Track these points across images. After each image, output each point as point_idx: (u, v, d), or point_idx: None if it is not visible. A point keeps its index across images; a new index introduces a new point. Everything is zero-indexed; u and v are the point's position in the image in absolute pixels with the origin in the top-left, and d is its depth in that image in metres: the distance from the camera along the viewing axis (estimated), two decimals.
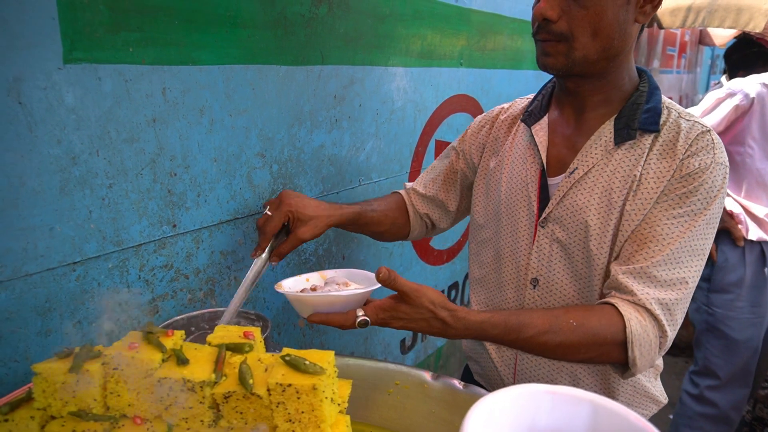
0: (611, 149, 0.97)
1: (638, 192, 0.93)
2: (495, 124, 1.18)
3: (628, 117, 0.97)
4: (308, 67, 1.21)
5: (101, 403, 0.63)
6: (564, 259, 1.01)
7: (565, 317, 0.88)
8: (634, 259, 0.92)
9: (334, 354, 0.66)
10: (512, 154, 1.11)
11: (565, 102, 1.05)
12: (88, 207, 0.87)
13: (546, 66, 0.96)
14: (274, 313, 1.28)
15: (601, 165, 0.98)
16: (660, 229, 0.91)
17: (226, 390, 0.62)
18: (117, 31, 0.86)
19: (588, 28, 0.90)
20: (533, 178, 1.05)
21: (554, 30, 0.91)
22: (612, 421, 0.51)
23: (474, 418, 0.49)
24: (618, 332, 0.87)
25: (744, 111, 2.05)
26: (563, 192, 1.00)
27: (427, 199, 1.26)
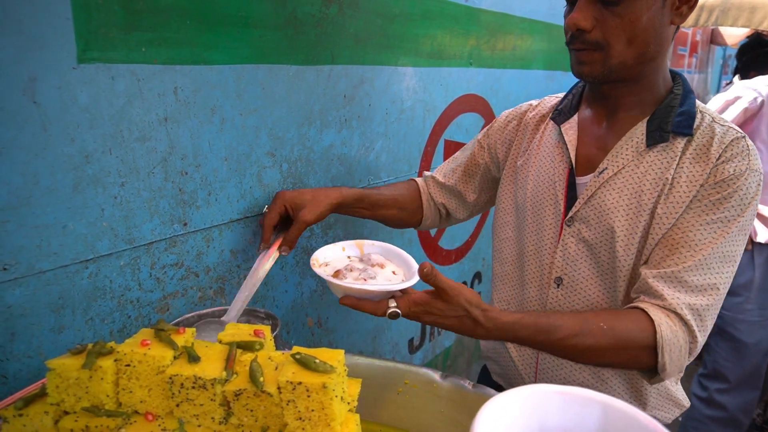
0: (642, 151, 0.97)
1: (670, 195, 0.93)
2: (523, 120, 1.18)
3: (661, 119, 0.97)
4: (318, 67, 1.22)
5: (114, 399, 0.63)
6: (589, 259, 1.01)
7: (596, 320, 0.87)
8: (665, 263, 0.91)
9: (344, 353, 0.67)
10: (540, 152, 1.11)
11: (597, 102, 1.04)
12: (100, 205, 0.88)
13: (582, 74, 0.95)
14: (284, 311, 1.28)
15: (632, 166, 0.97)
16: (693, 234, 0.90)
17: (237, 388, 0.62)
18: (130, 32, 0.86)
19: (623, 35, 0.89)
20: (561, 176, 1.05)
21: (589, 39, 0.90)
22: (623, 422, 0.51)
23: (484, 418, 0.49)
24: (648, 336, 0.86)
25: (753, 113, 2.03)
26: (591, 191, 1.00)
27: (445, 189, 1.27)
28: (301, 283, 1.31)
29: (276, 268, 1.24)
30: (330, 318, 1.44)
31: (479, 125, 1.94)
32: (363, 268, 0.95)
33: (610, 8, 0.88)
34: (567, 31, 0.94)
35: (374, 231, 1.53)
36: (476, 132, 1.94)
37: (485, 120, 1.96)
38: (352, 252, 1.02)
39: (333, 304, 1.44)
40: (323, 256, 1.00)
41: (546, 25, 2.20)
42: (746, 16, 2.73)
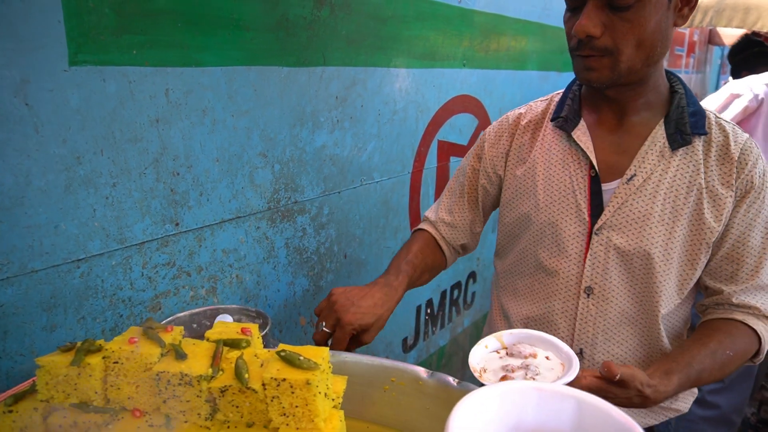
0: (668, 155, 0.99)
1: (713, 200, 0.98)
2: (516, 131, 1.15)
3: (677, 121, 0.99)
4: (310, 69, 1.23)
5: (102, 396, 0.65)
6: (621, 267, 1.01)
7: (722, 350, 0.96)
8: (739, 278, 1.00)
9: (328, 350, 0.68)
10: (546, 160, 1.08)
11: (603, 106, 1.04)
12: (92, 205, 0.89)
13: (590, 81, 0.95)
14: (276, 310, 1.30)
15: (660, 171, 0.98)
16: (751, 243, 0.99)
17: (223, 384, 0.63)
18: (121, 34, 0.88)
19: (632, 40, 0.89)
20: (581, 184, 1.03)
21: (598, 46, 0.90)
22: (596, 416, 0.52)
23: (460, 414, 0.50)
24: (755, 344, 0.99)
25: (752, 111, 2.05)
26: (622, 199, 0.99)
27: (457, 229, 1.23)
28: (293, 282, 1.32)
29: (269, 267, 1.25)
30: None
31: (473, 125, 1.96)
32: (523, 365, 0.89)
33: (619, 14, 0.88)
34: (572, 38, 0.93)
35: (367, 230, 1.54)
36: (470, 132, 1.96)
37: (479, 120, 1.98)
38: (493, 345, 0.95)
39: None
40: (476, 362, 0.91)
41: (540, 26, 2.21)
42: (740, 17, 2.75)
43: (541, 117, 1.13)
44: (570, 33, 0.94)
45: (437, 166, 1.80)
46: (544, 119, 1.12)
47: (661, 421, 1.10)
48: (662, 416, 1.10)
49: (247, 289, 1.20)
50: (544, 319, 1.10)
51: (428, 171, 1.76)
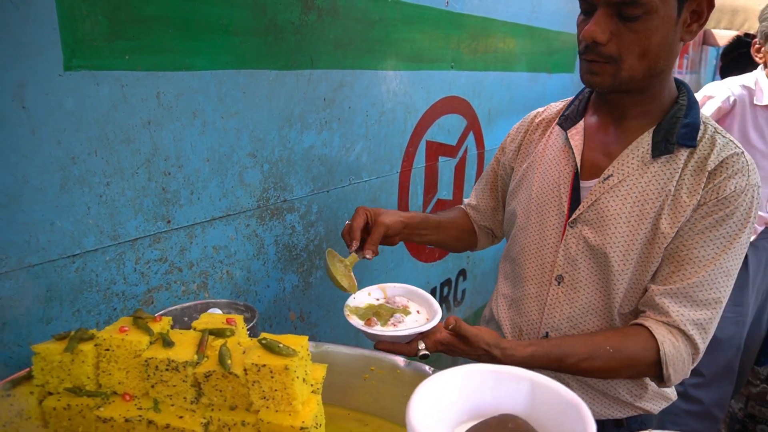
0: (648, 161, 1.00)
1: (674, 207, 0.97)
2: (530, 128, 1.24)
3: (667, 130, 1.00)
4: (298, 72, 1.27)
5: (94, 381, 0.69)
6: (589, 260, 1.05)
7: (604, 344, 0.96)
8: (671, 280, 0.97)
9: (307, 339, 0.72)
10: (545, 156, 1.15)
11: (604, 109, 1.08)
12: (86, 203, 0.93)
13: (592, 84, 0.99)
14: (266, 306, 1.34)
15: (636, 175, 1.01)
16: (697, 251, 0.95)
17: (207, 369, 0.68)
18: (114, 40, 0.92)
19: (636, 50, 0.91)
20: (566, 179, 1.09)
21: (603, 52, 0.93)
22: (548, 395, 0.56)
23: (420, 396, 0.55)
24: (652, 354, 0.95)
25: (726, 112, 2.09)
26: (596, 196, 1.04)
27: (481, 212, 1.36)
28: (282, 278, 1.37)
29: (258, 264, 1.29)
30: (313, 313, 1.50)
31: (462, 126, 2.00)
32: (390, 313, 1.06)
33: (627, 24, 0.90)
34: (581, 41, 0.96)
35: None
36: (458, 133, 2.00)
37: (467, 121, 2.02)
38: (377, 295, 1.15)
39: (315, 298, 1.49)
40: (353, 304, 1.11)
41: (529, 29, 2.25)
42: (728, 18, 2.79)
43: (554, 116, 1.20)
44: (580, 36, 0.97)
45: (426, 166, 1.85)
46: (554, 119, 1.19)
47: (628, 416, 1.13)
48: (630, 411, 1.13)
49: (238, 284, 1.25)
50: (519, 301, 1.18)
51: (417, 171, 1.80)
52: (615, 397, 1.11)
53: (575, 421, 0.52)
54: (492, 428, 0.53)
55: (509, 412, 0.56)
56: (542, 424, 0.55)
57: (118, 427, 0.67)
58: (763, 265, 2.26)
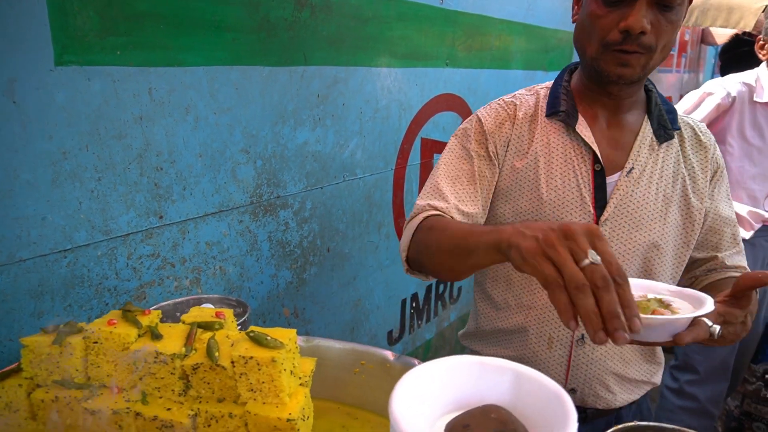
0: (655, 149, 1.07)
1: (695, 184, 1.09)
2: (515, 121, 1.11)
3: (659, 118, 1.07)
4: (291, 68, 1.28)
5: (83, 373, 0.69)
6: (623, 256, 1.05)
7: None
8: (724, 245, 1.12)
9: (295, 332, 0.72)
10: (547, 154, 1.07)
11: (598, 103, 1.07)
12: (78, 198, 0.94)
13: (622, 76, 0.96)
14: (259, 302, 1.34)
15: (651, 164, 1.06)
16: (724, 214, 1.12)
17: (195, 362, 0.68)
18: (105, 36, 0.92)
19: (667, 40, 0.94)
20: (586, 177, 1.05)
21: (644, 42, 0.92)
22: (532, 386, 0.57)
23: (403, 388, 0.55)
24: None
25: (725, 109, 2.09)
26: (623, 191, 1.04)
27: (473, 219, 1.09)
28: (276, 274, 1.37)
29: (252, 260, 1.30)
30: (307, 309, 1.50)
31: (457, 123, 2.00)
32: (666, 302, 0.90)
33: (665, 14, 0.92)
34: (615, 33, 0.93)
35: (350, 225, 1.59)
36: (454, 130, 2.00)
37: (463, 118, 2.02)
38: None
39: (310, 295, 1.50)
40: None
41: (525, 26, 2.25)
42: (724, 17, 2.80)
43: (534, 110, 1.11)
44: (607, 28, 0.94)
45: (421, 163, 1.85)
46: (537, 113, 1.11)
47: (641, 395, 1.15)
48: (642, 390, 1.15)
49: (231, 280, 1.25)
50: (546, 308, 1.09)
51: (411, 168, 1.81)
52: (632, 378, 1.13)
53: (557, 409, 0.52)
54: (475, 418, 0.53)
55: (493, 402, 0.57)
56: (526, 414, 0.55)
57: (106, 419, 0.67)
58: (760, 262, 2.26)
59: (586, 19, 0.99)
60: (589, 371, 1.10)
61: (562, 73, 1.13)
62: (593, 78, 1.04)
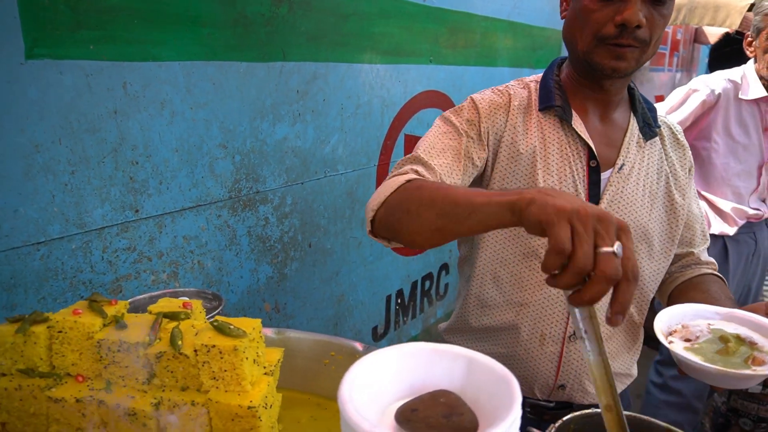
0: (642, 146, 1.09)
1: (677, 181, 1.12)
2: (510, 110, 1.08)
3: (643, 115, 1.09)
4: (270, 64, 1.28)
5: (47, 362, 0.70)
6: None
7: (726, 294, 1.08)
8: (696, 241, 1.18)
9: (260, 321, 0.73)
10: (543, 149, 1.06)
11: (589, 99, 1.07)
12: (51, 191, 0.94)
13: (617, 69, 0.96)
14: (239, 297, 1.35)
15: (638, 161, 1.08)
16: (695, 211, 1.17)
17: (158, 350, 0.69)
18: (77, 30, 0.93)
19: (659, 33, 0.96)
20: (581, 173, 1.05)
21: (640, 36, 0.93)
22: (482, 372, 0.58)
23: (354, 374, 0.55)
24: None
25: (710, 106, 2.10)
26: (616, 186, 1.06)
27: None
28: (256, 269, 1.38)
29: (231, 254, 1.30)
30: (289, 304, 1.51)
31: None
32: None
33: (658, 8, 0.94)
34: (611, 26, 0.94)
35: (332, 221, 1.60)
36: None
37: None
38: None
39: (291, 290, 1.51)
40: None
41: (510, 24, 2.26)
42: (711, 15, 2.81)
43: (528, 103, 1.09)
44: (601, 21, 0.95)
45: None
46: (531, 106, 1.09)
47: (621, 390, 1.18)
48: (623, 384, 1.17)
49: (209, 274, 1.26)
50: (539, 305, 1.09)
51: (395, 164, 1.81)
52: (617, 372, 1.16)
53: (504, 394, 0.53)
54: (424, 403, 0.54)
55: (445, 388, 0.58)
56: (475, 398, 0.56)
57: (69, 407, 0.68)
58: (744, 258, 2.28)
59: (579, 14, 0.98)
60: (579, 367, 1.10)
61: (552, 67, 1.13)
62: (585, 73, 1.04)
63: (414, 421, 0.53)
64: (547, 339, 1.10)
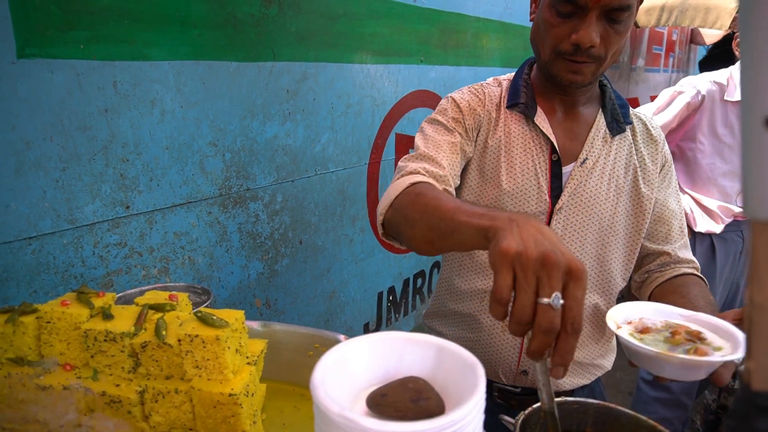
0: (608, 141, 1.11)
1: (645, 174, 1.14)
2: (485, 106, 1.12)
3: (613, 111, 1.13)
4: (260, 64, 1.31)
5: (36, 352, 0.72)
6: (578, 243, 1.11)
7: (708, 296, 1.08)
8: (673, 237, 1.18)
9: (243, 313, 0.76)
10: (507, 144, 1.11)
11: (556, 97, 1.11)
12: (42, 187, 0.97)
13: (573, 82, 1.02)
14: (230, 292, 1.38)
15: (604, 155, 1.11)
16: (671, 207, 1.17)
17: (143, 340, 0.71)
18: (68, 30, 0.95)
19: (616, 48, 0.99)
20: (543, 166, 1.09)
21: (594, 54, 0.97)
22: (451, 359, 0.60)
23: (326, 362, 0.58)
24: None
25: (695, 108, 2.13)
26: (577, 180, 1.09)
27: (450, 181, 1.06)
28: (247, 265, 1.40)
29: (221, 251, 1.33)
30: (279, 300, 1.53)
31: None
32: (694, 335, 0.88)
33: (614, 26, 0.97)
34: (563, 42, 0.98)
35: (323, 218, 1.62)
36: None
37: None
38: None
39: (282, 286, 1.53)
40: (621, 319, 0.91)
41: (502, 24, 2.29)
42: (702, 16, 2.84)
43: (499, 100, 1.15)
44: (560, 37, 0.98)
45: (395, 159, 1.88)
46: (501, 103, 1.14)
47: (591, 380, 1.19)
48: (593, 375, 1.19)
49: (200, 270, 1.28)
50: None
51: (386, 163, 1.84)
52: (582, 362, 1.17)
53: (470, 378, 0.55)
54: (393, 388, 0.57)
55: (416, 375, 0.60)
56: (443, 384, 0.58)
57: (57, 395, 0.70)
58: (731, 256, 2.30)
59: (541, 24, 1.02)
60: None
61: (523, 66, 1.17)
62: (548, 78, 1.08)
63: (383, 405, 0.56)
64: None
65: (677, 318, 0.91)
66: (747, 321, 0.33)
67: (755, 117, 0.29)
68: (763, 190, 0.30)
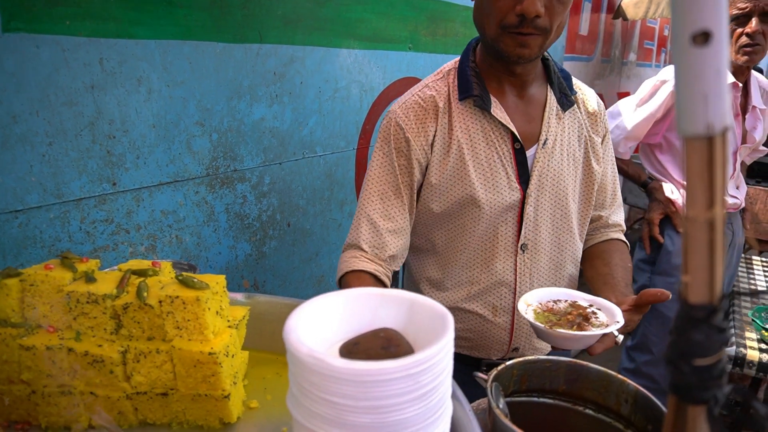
0: (561, 117, 1.14)
1: (593, 148, 1.18)
2: (438, 113, 1.11)
3: (559, 86, 1.14)
4: (246, 45, 1.32)
5: (19, 314, 0.74)
6: (548, 221, 1.15)
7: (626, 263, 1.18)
8: (607, 202, 1.25)
9: (224, 277, 0.77)
10: (469, 140, 1.10)
11: (506, 81, 1.11)
12: (29, 162, 0.98)
13: (521, 56, 1.01)
14: (217, 272, 1.38)
15: (560, 132, 1.13)
16: (609, 174, 1.24)
17: (125, 302, 0.73)
18: (54, 6, 0.96)
19: (560, 20, 1.00)
20: (507, 154, 1.10)
21: (540, 25, 0.98)
22: (423, 311, 0.62)
23: (300, 314, 0.59)
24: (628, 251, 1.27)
25: None
26: (542, 161, 1.11)
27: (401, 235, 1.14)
28: (235, 246, 1.42)
29: (209, 230, 1.34)
30: (268, 282, 1.55)
31: None
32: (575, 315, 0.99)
33: None
34: (512, 16, 0.97)
35: (311, 201, 1.64)
36: None
37: None
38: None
39: (270, 268, 1.54)
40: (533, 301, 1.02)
41: None
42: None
43: (448, 96, 1.13)
44: (504, 10, 0.98)
45: None
46: (450, 98, 1.12)
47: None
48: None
49: (187, 249, 1.29)
50: (489, 279, 1.15)
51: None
52: None
53: (439, 326, 0.57)
54: (365, 337, 0.58)
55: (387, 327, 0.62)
56: (415, 334, 0.60)
57: (40, 355, 0.72)
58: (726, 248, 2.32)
59: (484, 0, 1.01)
60: (530, 331, 1.18)
61: (467, 52, 1.15)
62: (495, 56, 1.07)
63: (355, 353, 0.57)
64: (498, 310, 1.18)
65: (583, 303, 1.02)
66: (683, 236, 0.35)
67: (683, 34, 0.31)
68: (693, 106, 0.32)
